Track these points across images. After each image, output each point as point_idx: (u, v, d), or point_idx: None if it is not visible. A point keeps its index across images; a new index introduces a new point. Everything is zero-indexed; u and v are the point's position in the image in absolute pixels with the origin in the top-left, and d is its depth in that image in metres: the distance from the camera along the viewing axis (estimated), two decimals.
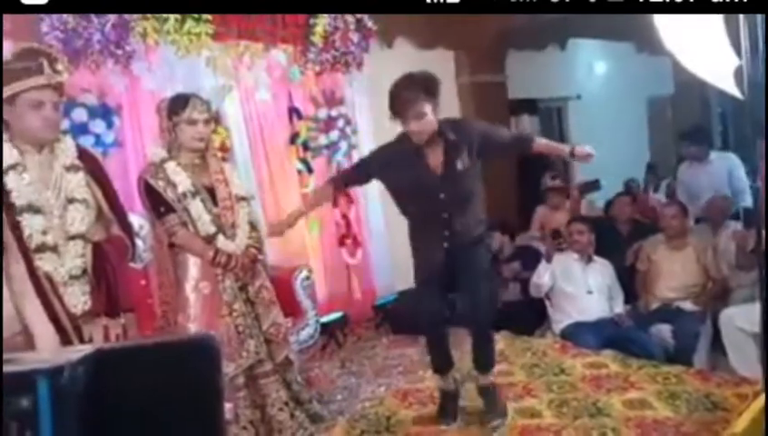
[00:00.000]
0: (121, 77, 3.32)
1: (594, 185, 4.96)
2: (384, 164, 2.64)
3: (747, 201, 4.11)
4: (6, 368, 0.71)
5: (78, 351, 0.73)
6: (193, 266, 2.46)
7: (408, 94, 2.41)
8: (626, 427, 2.59)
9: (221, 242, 2.46)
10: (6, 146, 1.97)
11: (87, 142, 3.03)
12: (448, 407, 2.80)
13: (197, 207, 2.43)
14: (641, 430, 2.56)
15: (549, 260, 3.76)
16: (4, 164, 1.95)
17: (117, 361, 0.75)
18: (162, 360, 0.75)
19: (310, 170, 4.26)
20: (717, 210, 4.13)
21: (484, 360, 2.76)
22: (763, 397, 2.28)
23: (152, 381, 0.74)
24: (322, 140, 4.35)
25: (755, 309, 2.25)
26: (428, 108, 2.42)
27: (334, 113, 4.38)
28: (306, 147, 4.24)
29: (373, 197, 4.67)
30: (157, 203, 2.42)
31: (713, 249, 3.86)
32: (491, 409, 2.75)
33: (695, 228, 4.31)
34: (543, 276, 3.73)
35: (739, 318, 3.16)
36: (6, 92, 1.94)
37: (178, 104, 2.45)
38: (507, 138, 2.79)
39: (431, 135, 2.49)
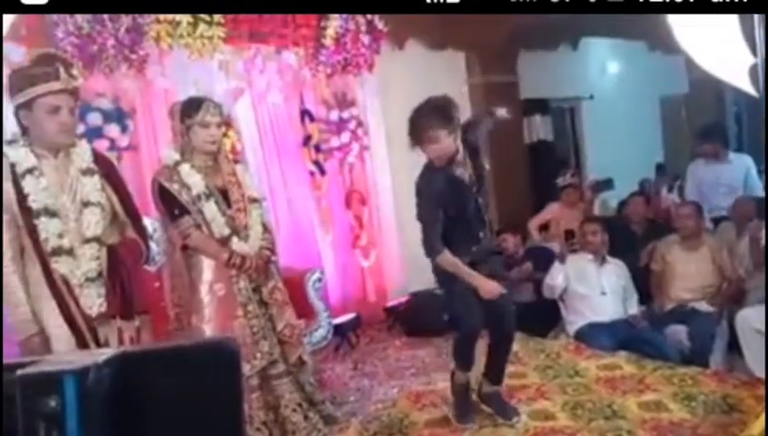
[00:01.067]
0: (135, 81, 3.36)
1: (607, 184, 4.94)
2: (435, 194, 2.58)
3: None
4: (33, 369, 0.73)
5: (102, 353, 0.76)
6: (207, 268, 2.47)
7: (423, 120, 2.47)
8: (642, 429, 2.56)
9: (236, 243, 2.47)
10: (24, 151, 2.00)
11: (102, 145, 3.07)
12: (465, 405, 2.80)
13: (211, 209, 2.44)
14: (657, 432, 2.53)
15: (563, 261, 3.74)
16: (22, 168, 1.98)
17: (141, 364, 0.77)
18: (184, 363, 0.77)
19: (322, 172, 4.27)
20: (743, 211, 4.08)
21: (499, 371, 2.80)
22: None
23: (175, 384, 0.76)
24: (334, 142, 4.36)
25: None
26: (442, 133, 2.45)
27: (345, 115, 4.40)
28: (318, 149, 4.26)
29: (385, 199, 4.68)
30: (171, 206, 2.43)
31: (729, 249, 3.82)
32: (503, 410, 2.76)
33: (719, 227, 4.27)
34: (556, 278, 3.71)
35: (755, 318, 3.12)
36: (24, 97, 1.98)
37: (191, 107, 2.47)
38: None
39: (453, 154, 2.53)
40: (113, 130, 3.26)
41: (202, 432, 0.76)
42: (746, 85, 1.95)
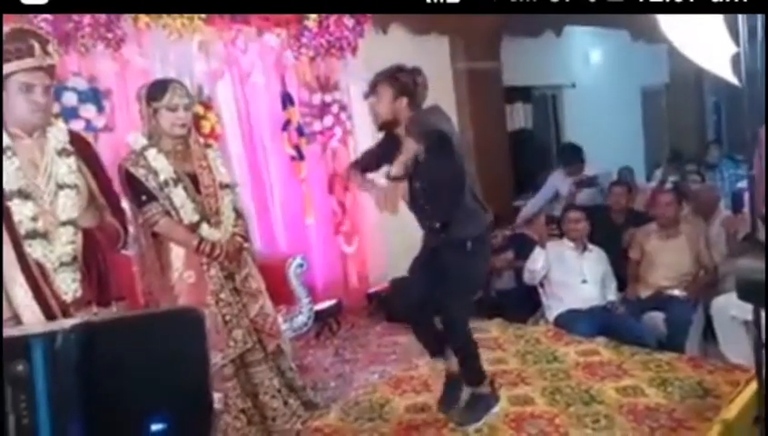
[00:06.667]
0: (111, 61, 3.27)
1: (591, 181, 4.96)
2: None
3: None
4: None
5: (68, 321, 0.76)
6: (177, 255, 2.42)
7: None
8: (619, 414, 2.60)
9: (205, 230, 2.41)
10: None
11: (78, 126, 2.99)
12: (450, 391, 2.67)
13: (179, 195, 2.38)
14: (633, 416, 2.58)
15: (544, 245, 3.76)
16: None
17: (108, 330, 0.79)
18: (149, 329, 0.80)
19: (301, 156, 4.22)
20: (706, 199, 4.17)
21: (468, 374, 2.63)
22: (754, 384, 2.29)
23: (141, 349, 0.78)
24: (316, 126, 4.31)
25: None
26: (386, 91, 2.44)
27: (328, 98, 4.34)
28: (301, 133, 4.21)
29: None
30: (138, 192, 2.36)
31: (705, 237, 3.88)
32: (463, 413, 2.63)
33: (687, 218, 4.34)
34: (537, 262, 3.73)
35: (731, 305, 3.18)
36: None
37: (157, 90, 2.39)
38: None
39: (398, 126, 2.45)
40: (88, 110, 3.17)
41: (169, 395, 0.78)
42: (728, 74, 1.96)
